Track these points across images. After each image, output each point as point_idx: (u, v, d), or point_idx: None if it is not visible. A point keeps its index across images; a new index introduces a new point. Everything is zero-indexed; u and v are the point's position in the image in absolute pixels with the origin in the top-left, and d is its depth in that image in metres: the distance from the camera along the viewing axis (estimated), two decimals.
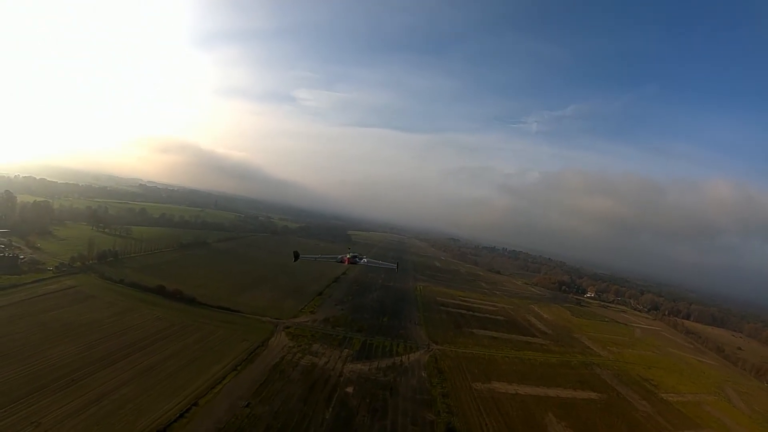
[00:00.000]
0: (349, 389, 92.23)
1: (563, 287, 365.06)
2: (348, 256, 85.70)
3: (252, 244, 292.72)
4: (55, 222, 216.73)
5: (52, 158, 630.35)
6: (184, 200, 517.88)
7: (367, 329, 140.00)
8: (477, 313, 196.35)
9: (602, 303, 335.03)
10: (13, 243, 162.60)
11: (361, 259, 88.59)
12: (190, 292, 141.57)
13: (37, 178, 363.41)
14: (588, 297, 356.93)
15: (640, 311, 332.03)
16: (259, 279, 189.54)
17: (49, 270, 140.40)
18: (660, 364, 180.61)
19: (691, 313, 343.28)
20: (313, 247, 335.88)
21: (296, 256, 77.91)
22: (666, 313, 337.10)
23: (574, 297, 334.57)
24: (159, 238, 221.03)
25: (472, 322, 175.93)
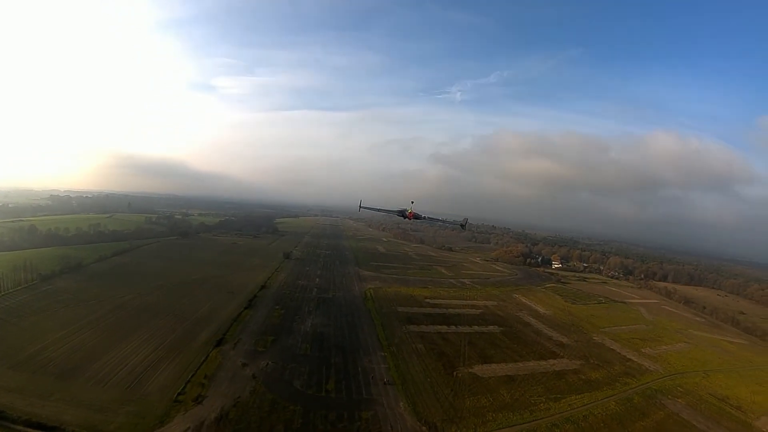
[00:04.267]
0: None
1: (527, 260, 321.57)
2: (411, 211, 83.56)
3: (151, 255, 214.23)
4: None
5: None
6: (95, 207, 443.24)
7: (299, 428, 73.52)
8: (461, 326, 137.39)
9: (577, 274, 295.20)
10: None
11: (422, 216, 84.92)
12: None
13: None
14: (556, 268, 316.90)
15: (617, 279, 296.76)
16: (135, 317, 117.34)
17: None
18: (711, 365, 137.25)
19: (667, 273, 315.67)
20: (229, 245, 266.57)
21: (360, 206, 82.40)
22: (642, 276, 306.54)
23: (544, 272, 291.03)
24: (13, 270, 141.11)
25: (465, 350, 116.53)
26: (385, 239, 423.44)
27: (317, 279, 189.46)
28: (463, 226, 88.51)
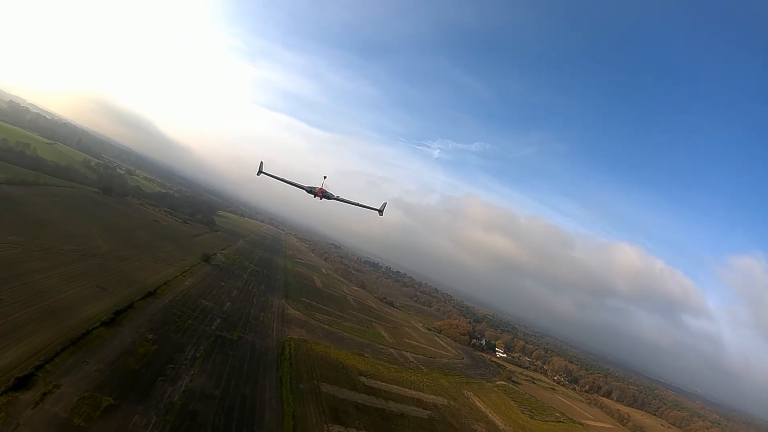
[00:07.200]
0: None
1: (472, 340, 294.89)
2: (320, 187, 79.83)
3: (51, 200, 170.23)
4: None
5: None
6: (45, 130, 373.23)
7: None
8: None
9: (524, 372, 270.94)
10: None
11: (333, 196, 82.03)
12: None
13: None
14: (501, 357, 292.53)
15: (564, 386, 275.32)
16: None
17: None
18: None
19: (611, 389, 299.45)
20: (150, 221, 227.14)
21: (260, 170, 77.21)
22: (587, 388, 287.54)
23: (490, 360, 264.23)
24: None
25: None
26: (324, 270, 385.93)
27: (228, 303, 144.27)
28: (380, 211, 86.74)
